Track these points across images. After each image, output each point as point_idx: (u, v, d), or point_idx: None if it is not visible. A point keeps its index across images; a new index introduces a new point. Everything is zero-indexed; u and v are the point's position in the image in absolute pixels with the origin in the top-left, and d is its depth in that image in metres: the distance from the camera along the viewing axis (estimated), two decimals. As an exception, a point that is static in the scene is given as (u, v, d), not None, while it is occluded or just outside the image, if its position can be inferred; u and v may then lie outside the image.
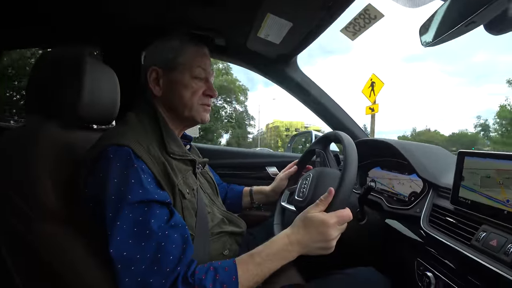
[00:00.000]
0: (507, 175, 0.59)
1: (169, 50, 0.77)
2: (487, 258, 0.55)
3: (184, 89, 0.75)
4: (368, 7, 0.85)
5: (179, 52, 0.76)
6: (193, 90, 0.76)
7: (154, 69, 0.76)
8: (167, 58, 0.76)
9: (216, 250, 0.77)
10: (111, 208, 0.55)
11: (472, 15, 0.53)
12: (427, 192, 0.80)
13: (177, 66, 0.75)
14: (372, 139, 1.12)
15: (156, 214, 0.57)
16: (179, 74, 0.75)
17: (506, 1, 0.49)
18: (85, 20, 1.06)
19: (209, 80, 0.80)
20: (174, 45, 0.77)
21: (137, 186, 0.57)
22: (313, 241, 0.62)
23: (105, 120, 0.83)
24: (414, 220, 0.77)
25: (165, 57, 0.76)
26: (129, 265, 0.53)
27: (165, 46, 0.78)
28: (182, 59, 0.76)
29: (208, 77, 0.80)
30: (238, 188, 1.16)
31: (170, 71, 0.76)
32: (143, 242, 0.54)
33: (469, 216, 0.64)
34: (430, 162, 0.85)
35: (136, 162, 0.60)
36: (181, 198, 0.68)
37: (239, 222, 0.90)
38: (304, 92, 1.40)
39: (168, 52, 0.76)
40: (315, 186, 0.77)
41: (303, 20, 1.00)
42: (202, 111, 0.79)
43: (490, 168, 0.62)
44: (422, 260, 0.72)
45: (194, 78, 0.76)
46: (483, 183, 0.63)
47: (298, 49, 1.24)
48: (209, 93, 0.80)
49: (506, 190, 0.58)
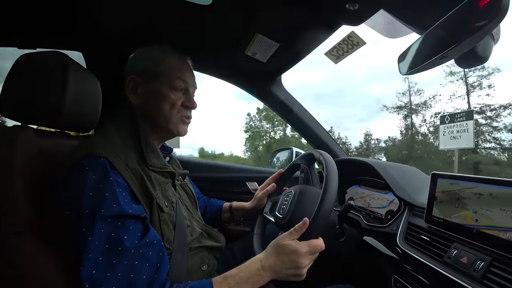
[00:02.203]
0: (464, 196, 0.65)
1: (148, 59, 0.76)
2: (459, 275, 0.58)
3: (162, 100, 0.74)
4: (351, 34, 0.91)
5: (159, 62, 0.75)
6: (171, 102, 0.74)
7: (132, 77, 0.75)
8: (146, 68, 0.75)
9: (194, 265, 0.74)
10: (84, 222, 0.53)
11: (444, 51, 0.59)
12: (403, 210, 0.84)
13: (155, 76, 0.74)
14: (351, 159, 1.16)
15: (130, 230, 0.55)
16: (158, 84, 0.74)
17: (474, 40, 0.55)
18: (68, 24, 1.03)
19: (189, 92, 0.79)
20: (154, 55, 0.76)
21: (111, 200, 0.55)
22: (285, 268, 0.63)
23: (84, 128, 0.80)
24: (391, 238, 0.80)
25: (144, 66, 0.75)
26: (98, 285, 0.49)
27: (145, 55, 0.77)
28: (161, 69, 0.74)
29: (189, 89, 0.78)
30: (218, 203, 1.14)
31: (149, 81, 0.74)
32: (114, 259, 0.52)
33: (442, 234, 0.68)
34: (406, 182, 0.90)
35: (112, 174, 0.58)
36: (159, 212, 0.66)
37: (219, 236, 0.88)
38: (288, 110, 1.44)
39: (147, 61, 0.76)
40: (295, 205, 0.78)
41: (290, 41, 1.05)
42: (180, 124, 0.78)
43: (456, 189, 0.67)
44: (399, 277, 0.74)
45: (173, 89, 0.75)
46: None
47: (283, 68, 1.29)
48: (188, 105, 0.78)
49: (463, 210, 0.64)
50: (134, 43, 0.98)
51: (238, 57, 1.20)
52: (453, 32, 0.57)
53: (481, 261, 0.56)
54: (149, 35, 1.08)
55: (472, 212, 0.63)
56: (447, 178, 0.70)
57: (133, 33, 1.08)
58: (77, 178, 0.56)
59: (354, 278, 0.84)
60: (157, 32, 1.07)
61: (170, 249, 0.65)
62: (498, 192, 0.59)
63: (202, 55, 1.22)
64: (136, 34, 1.08)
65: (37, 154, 0.63)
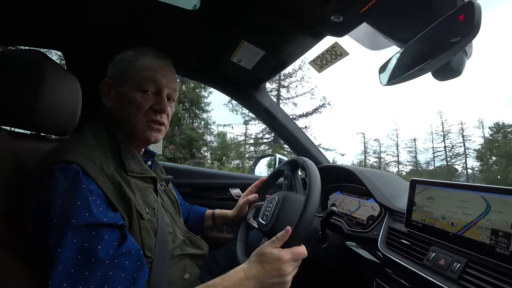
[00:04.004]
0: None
1: (121, 61, 0.73)
2: (437, 276, 0.61)
3: (128, 103, 0.69)
4: (335, 45, 0.94)
5: (131, 63, 0.71)
6: (137, 105, 0.68)
7: (106, 80, 0.72)
8: (118, 70, 0.72)
9: (176, 273, 0.72)
10: (53, 232, 0.49)
11: (422, 63, 0.63)
12: (383, 216, 0.87)
13: (125, 78, 0.70)
14: (334, 166, 1.19)
15: (104, 240, 0.52)
16: (127, 86, 0.70)
17: (450, 55, 0.59)
18: (48, 22, 0.98)
19: (161, 93, 0.71)
20: (127, 56, 0.72)
21: (84, 209, 0.52)
22: (269, 276, 0.62)
23: (61, 130, 0.76)
24: (372, 242, 0.82)
25: (116, 68, 0.73)
26: None
27: (120, 57, 0.74)
28: (131, 70, 0.70)
29: (162, 90, 0.71)
30: (201, 210, 1.12)
31: (120, 83, 0.71)
32: (87, 271, 0.48)
33: (421, 238, 0.71)
34: (386, 188, 0.94)
35: (85, 181, 0.54)
36: (139, 219, 0.63)
37: (201, 244, 0.86)
38: (272, 117, 1.45)
39: (120, 63, 0.73)
40: (278, 211, 0.78)
41: (276, 50, 1.07)
42: (147, 130, 0.71)
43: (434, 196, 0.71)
44: (380, 281, 0.76)
45: (140, 91, 0.69)
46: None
47: (268, 75, 1.31)
48: (157, 108, 0.70)
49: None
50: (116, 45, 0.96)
51: (223, 63, 1.20)
52: (431, 47, 0.61)
53: (457, 262, 0.59)
54: (132, 38, 1.06)
55: (441, 218, 0.68)
56: (425, 184, 0.74)
57: (115, 35, 1.05)
58: (47, 185, 0.53)
59: (337, 284, 0.85)
60: (140, 35, 1.05)
61: (150, 257, 0.63)
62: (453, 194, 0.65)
63: (186, 60, 1.21)
64: (118, 36, 1.05)
65: (8, 158, 0.58)
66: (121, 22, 0.98)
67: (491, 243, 0.56)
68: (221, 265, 0.98)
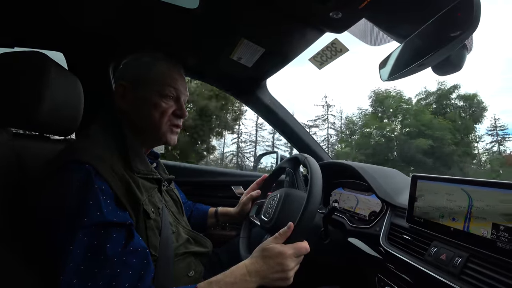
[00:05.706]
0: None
1: (139, 66, 0.75)
2: (439, 271, 0.61)
3: (152, 108, 0.72)
4: (335, 41, 0.94)
5: (150, 69, 0.74)
6: (162, 110, 0.73)
7: (122, 84, 0.73)
8: (136, 74, 0.74)
9: (181, 271, 0.73)
10: (65, 230, 0.51)
11: (422, 59, 0.62)
12: (385, 211, 0.87)
13: (146, 84, 0.73)
14: (335, 162, 1.19)
15: (113, 238, 0.54)
16: (148, 92, 0.73)
17: (449, 49, 0.59)
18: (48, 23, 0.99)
19: (180, 100, 0.77)
20: (145, 62, 0.75)
21: (95, 208, 0.53)
22: (271, 271, 0.63)
23: (64, 131, 0.77)
24: (374, 238, 0.82)
25: (134, 73, 0.74)
26: None
27: (136, 61, 0.76)
28: (152, 76, 0.73)
29: (180, 96, 0.77)
30: (204, 208, 1.13)
31: (139, 88, 0.73)
32: (96, 268, 0.50)
33: (422, 233, 0.71)
34: (388, 184, 0.94)
35: (97, 182, 0.56)
36: (145, 218, 0.64)
37: (205, 241, 0.87)
38: (273, 114, 1.45)
39: (138, 68, 0.75)
40: (280, 208, 0.78)
41: (276, 47, 1.07)
42: (169, 133, 0.76)
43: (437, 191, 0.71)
44: (383, 276, 0.76)
45: (164, 97, 0.73)
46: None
47: (268, 73, 1.30)
48: (178, 113, 0.77)
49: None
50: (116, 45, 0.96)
51: (223, 61, 1.20)
52: (430, 41, 0.61)
53: (459, 257, 0.59)
54: (133, 38, 1.06)
55: (440, 217, 0.68)
56: (426, 180, 0.74)
57: (116, 36, 1.05)
58: (59, 184, 0.54)
59: (340, 280, 0.85)
60: (140, 35, 1.05)
61: (155, 256, 0.64)
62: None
63: (186, 58, 1.21)
64: (119, 37, 1.06)
65: (13, 158, 0.59)
66: (121, 22, 0.98)
67: (492, 238, 0.56)
68: (223, 263, 0.99)
